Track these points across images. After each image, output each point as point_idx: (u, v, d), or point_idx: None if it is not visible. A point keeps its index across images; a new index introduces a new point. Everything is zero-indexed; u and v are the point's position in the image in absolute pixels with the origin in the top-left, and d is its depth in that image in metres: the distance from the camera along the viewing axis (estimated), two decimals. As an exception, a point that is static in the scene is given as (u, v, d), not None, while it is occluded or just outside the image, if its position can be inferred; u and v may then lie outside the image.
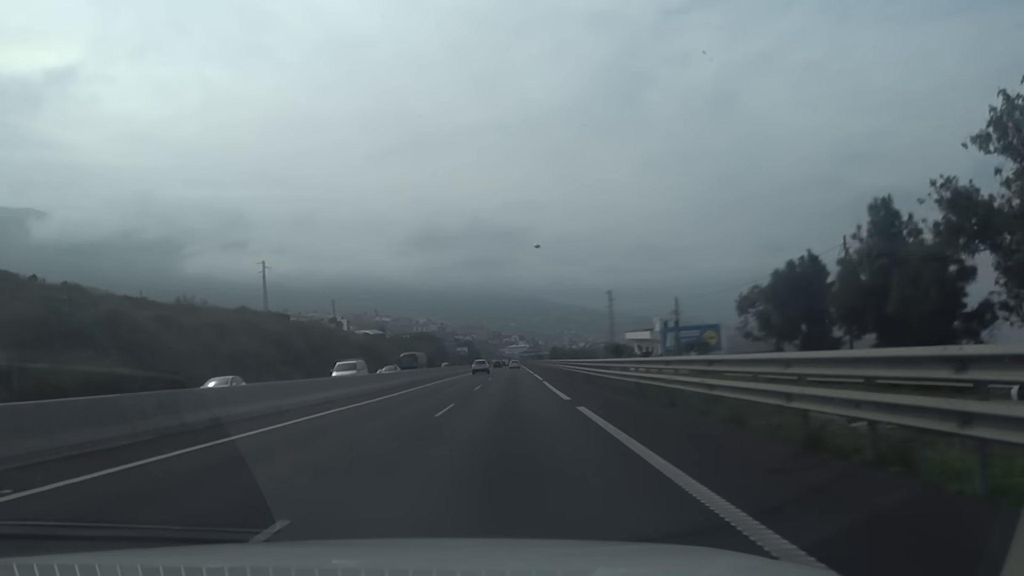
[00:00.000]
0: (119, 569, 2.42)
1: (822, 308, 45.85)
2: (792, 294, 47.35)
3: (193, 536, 4.64)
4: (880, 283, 37.78)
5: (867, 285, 39.60)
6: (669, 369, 18.17)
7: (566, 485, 7.23)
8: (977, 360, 5.83)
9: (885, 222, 40.27)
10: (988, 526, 3.60)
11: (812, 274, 47.66)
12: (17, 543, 4.23)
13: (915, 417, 6.28)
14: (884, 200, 40.77)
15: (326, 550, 3.28)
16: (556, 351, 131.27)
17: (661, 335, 71.33)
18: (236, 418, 15.34)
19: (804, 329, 47.60)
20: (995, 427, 5.27)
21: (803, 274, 48.08)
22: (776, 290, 49.22)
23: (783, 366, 10.13)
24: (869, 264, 40.19)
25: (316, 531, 5.36)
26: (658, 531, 5.03)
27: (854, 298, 40.41)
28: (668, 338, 68.32)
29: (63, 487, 7.94)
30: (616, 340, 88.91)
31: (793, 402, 8.89)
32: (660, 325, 73.99)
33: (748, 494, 5.80)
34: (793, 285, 47.81)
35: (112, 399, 13.54)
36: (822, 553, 3.98)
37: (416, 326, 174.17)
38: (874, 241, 40.25)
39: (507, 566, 2.66)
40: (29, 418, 10.85)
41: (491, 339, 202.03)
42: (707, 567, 2.55)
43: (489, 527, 5.37)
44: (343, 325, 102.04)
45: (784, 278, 48.94)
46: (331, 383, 30.15)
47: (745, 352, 24.30)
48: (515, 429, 13.58)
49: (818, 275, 47.30)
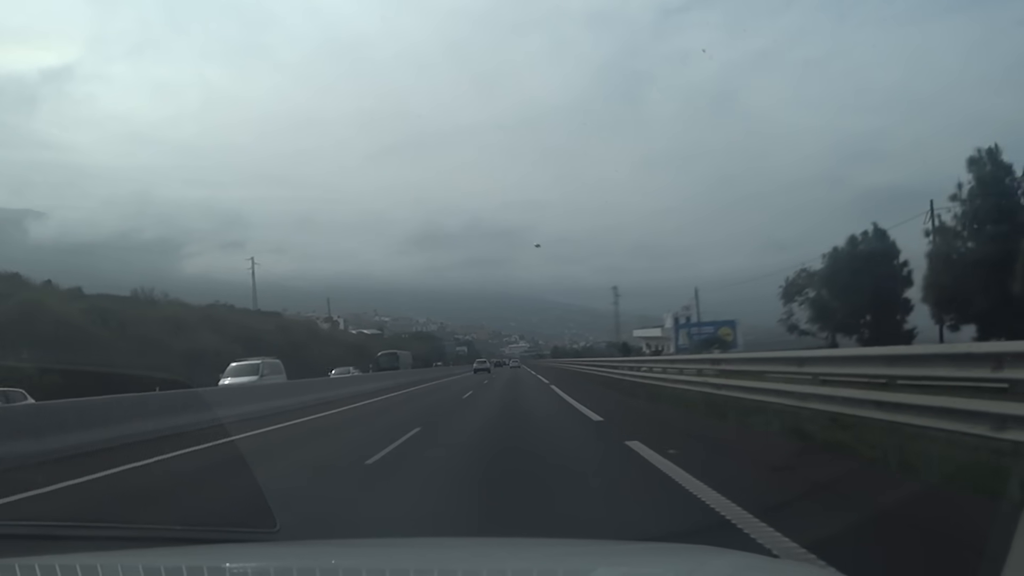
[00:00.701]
0: (120, 569, 2.42)
1: (892, 293, 37.38)
2: (854, 277, 38.08)
3: (194, 536, 4.63)
4: (991, 255, 29.00)
5: (971, 259, 30.90)
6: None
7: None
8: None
9: (993, 178, 31.72)
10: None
11: (880, 252, 38.33)
12: (17, 543, 4.22)
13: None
14: (990, 151, 31.91)
15: (327, 550, 3.28)
16: (557, 350, 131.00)
17: (674, 332, 67.04)
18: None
19: (868, 319, 39.24)
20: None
21: (868, 252, 38.60)
22: (833, 273, 39.89)
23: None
24: (973, 234, 32.03)
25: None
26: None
27: (952, 277, 31.53)
28: (681, 335, 63.91)
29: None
30: (621, 338, 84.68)
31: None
32: (672, 321, 70.14)
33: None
34: (855, 266, 38.37)
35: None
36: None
37: (416, 325, 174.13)
38: (981, 203, 31.71)
39: (508, 565, 2.65)
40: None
41: (491, 338, 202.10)
42: (708, 566, 2.55)
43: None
44: (340, 324, 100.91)
45: (844, 258, 39.53)
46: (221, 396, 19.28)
47: (784, 350, 19.42)
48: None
49: (887, 254, 38.39)
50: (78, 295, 44.31)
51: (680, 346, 60.03)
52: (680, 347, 59.07)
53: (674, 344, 63.42)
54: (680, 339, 63.10)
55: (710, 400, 12.77)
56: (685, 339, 62.13)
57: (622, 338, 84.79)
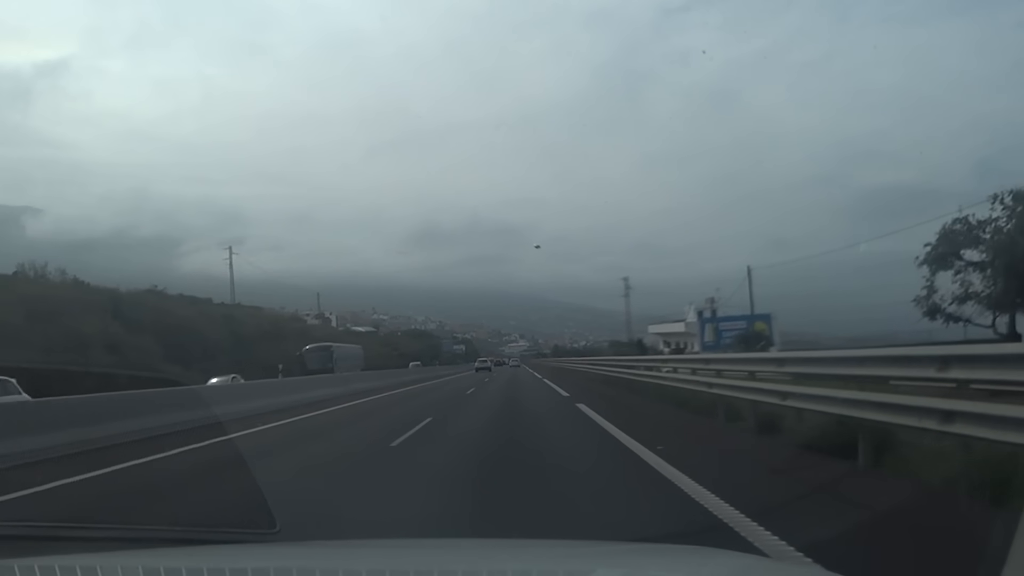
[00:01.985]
0: (120, 570, 2.42)
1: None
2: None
3: (194, 536, 4.63)
4: None
5: None
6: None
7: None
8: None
9: None
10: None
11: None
12: (17, 543, 4.22)
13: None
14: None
15: (327, 550, 3.28)
16: (559, 349, 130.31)
17: (698, 327, 58.95)
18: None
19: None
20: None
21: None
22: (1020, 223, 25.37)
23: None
24: None
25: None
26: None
27: None
28: (707, 330, 56.46)
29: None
30: (633, 334, 76.91)
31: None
32: (695, 315, 62.10)
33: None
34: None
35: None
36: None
37: (415, 324, 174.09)
38: None
39: (508, 566, 2.66)
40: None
41: (490, 337, 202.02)
42: (707, 567, 2.55)
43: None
44: (331, 321, 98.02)
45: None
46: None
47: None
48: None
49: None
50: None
51: (706, 343, 53.34)
52: (706, 344, 52.84)
53: (699, 341, 56.35)
54: (706, 335, 56.00)
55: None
56: (711, 335, 55.30)
57: (634, 334, 76.54)
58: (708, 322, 58.03)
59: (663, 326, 72.70)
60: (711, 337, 55.00)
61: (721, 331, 55.00)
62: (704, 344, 53.35)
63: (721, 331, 55.00)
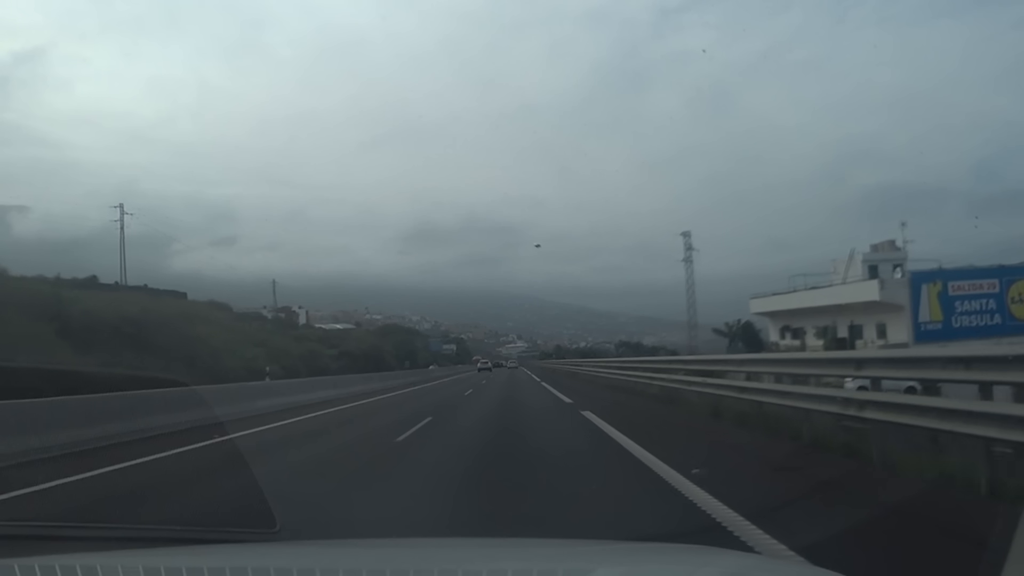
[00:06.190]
0: (120, 569, 2.41)
1: None
2: None
3: (194, 536, 4.63)
4: None
5: None
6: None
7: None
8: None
9: None
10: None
11: None
12: (17, 543, 4.21)
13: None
14: None
15: (327, 550, 3.28)
16: (560, 350, 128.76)
17: (910, 292, 32.01)
18: None
19: None
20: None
21: None
22: None
23: None
24: None
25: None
26: None
27: None
28: (926, 298, 31.76)
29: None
30: (693, 316, 54.34)
31: None
32: (891, 271, 35.00)
33: None
34: None
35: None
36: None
37: (409, 323, 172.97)
38: None
39: (508, 565, 2.66)
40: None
41: (488, 338, 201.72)
42: (708, 566, 2.56)
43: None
44: (299, 316, 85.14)
45: None
46: None
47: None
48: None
49: None
50: None
51: (922, 326, 30.75)
52: (922, 328, 30.55)
53: (911, 318, 31.51)
54: (922, 308, 31.50)
55: None
56: (934, 308, 31.55)
57: (694, 317, 52.31)
58: (926, 280, 32.12)
59: (776, 299, 43.43)
60: (934, 313, 31.23)
61: (951, 299, 31.04)
62: (919, 327, 30.96)
63: (951, 299, 31.04)
